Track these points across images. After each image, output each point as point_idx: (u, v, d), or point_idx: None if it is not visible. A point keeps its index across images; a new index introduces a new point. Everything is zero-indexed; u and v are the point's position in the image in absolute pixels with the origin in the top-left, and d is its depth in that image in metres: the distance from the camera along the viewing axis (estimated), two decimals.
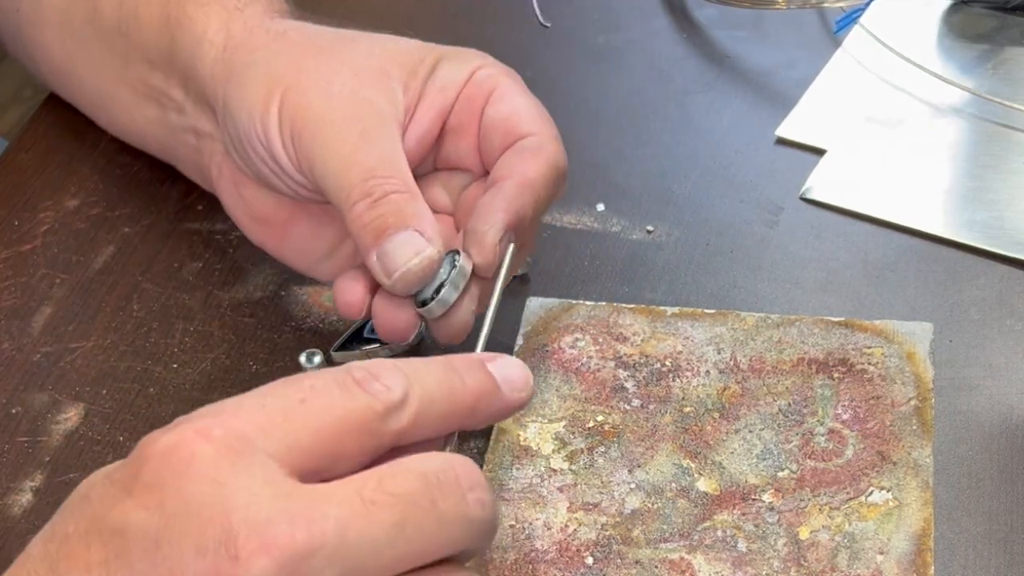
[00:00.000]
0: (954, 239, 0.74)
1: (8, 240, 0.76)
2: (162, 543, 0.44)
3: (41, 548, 0.47)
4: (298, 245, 0.68)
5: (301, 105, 0.62)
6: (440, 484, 0.46)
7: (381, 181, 0.60)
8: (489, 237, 0.61)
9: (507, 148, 0.64)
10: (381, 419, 0.47)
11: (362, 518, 0.44)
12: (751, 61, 0.85)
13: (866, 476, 0.64)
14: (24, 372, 0.70)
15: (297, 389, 0.47)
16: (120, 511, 0.45)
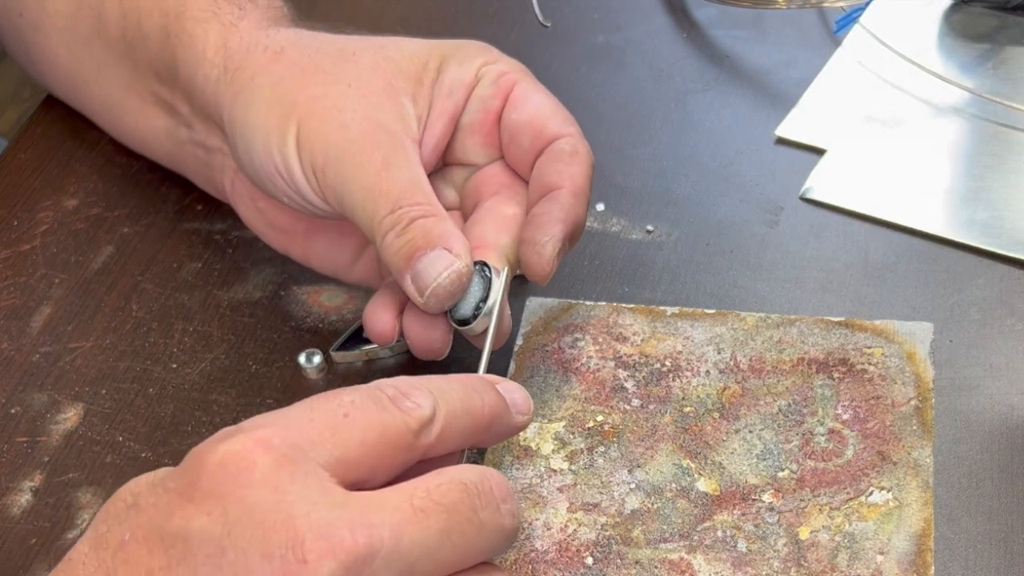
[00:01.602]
0: (954, 239, 0.74)
1: (7, 240, 0.76)
2: (227, 549, 0.46)
3: (92, 555, 0.48)
4: (323, 252, 0.69)
5: (319, 139, 0.62)
6: (479, 495, 0.49)
7: (407, 209, 0.61)
8: (548, 249, 0.62)
9: (538, 151, 0.64)
10: (415, 435, 0.50)
11: (414, 524, 0.47)
12: (751, 61, 0.85)
13: (866, 476, 0.64)
14: (23, 372, 0.70)
15: (339, 404, 0.49)
16: (181, 518, 0.47)
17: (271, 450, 0.47)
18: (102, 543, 0.48)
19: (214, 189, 0.73)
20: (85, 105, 0.78)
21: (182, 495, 0.47)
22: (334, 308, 0.72)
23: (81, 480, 0.65)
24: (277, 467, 0.47)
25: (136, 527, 0.47)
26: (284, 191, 0.64)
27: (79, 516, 0.64)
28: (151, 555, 0.47)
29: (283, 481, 0.47)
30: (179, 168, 0.75)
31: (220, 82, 0.66)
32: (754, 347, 0.69)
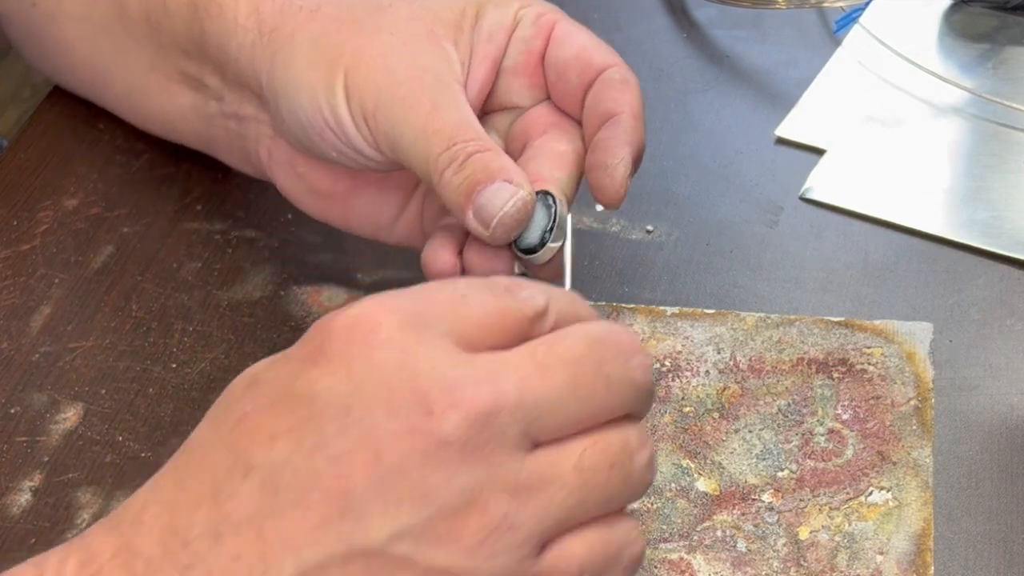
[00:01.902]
0: (954, 239, 0.74)
1: (7, 240, 0.76)
2: (353, 407, 0.46)
3: (210, 434, 0.48)
4: (364, 212, 0.68)
5: (367, 86, 0.62)
6: (605, 348, 0.48)
7: (462, 145, 0.61)
8: (620, 170, 0.62)
9: (588, 84, 0.64)
10: (530, 323, 0.49)
11: (537, 379, 0.47)
12: (751, 61, 0.85)
13: (866, 476, 0.64)
14: (23, 372, 0.70)
15: (456, 288, 0.49)
16: (306, 380, 0.46)
17: (397, 312, 0.47)
18: (220, 422, 0.48)
19: (247, 163, 0.72)
20: (104, 92, 0.78)
21: (306, 360, 0.47)
22: (334, 308, 0.72)
23: (81, 480, 0.65)
24: (403, 329, 0.47)
25: (257, 398, 0.47)
26: (333, 144, 0.64)
27: (79, 516, 0.64)
28: (274, 420, 0.46)
29: (409, 342, 0.47)
30: (207, 146, 0.74)
31: (256, 47, 0.67)
32: (754, 347, 0.69)
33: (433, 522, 0.45)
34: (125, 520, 0.48)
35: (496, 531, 0.46)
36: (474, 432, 0.46)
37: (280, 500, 0.45)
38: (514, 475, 0.46)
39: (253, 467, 0.46)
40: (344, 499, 0.45)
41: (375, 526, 0.45)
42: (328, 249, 0.75)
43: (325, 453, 0.45)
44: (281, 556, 0.45)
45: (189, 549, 0.46)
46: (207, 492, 0.46)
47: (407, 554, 0.45)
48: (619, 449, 0.48)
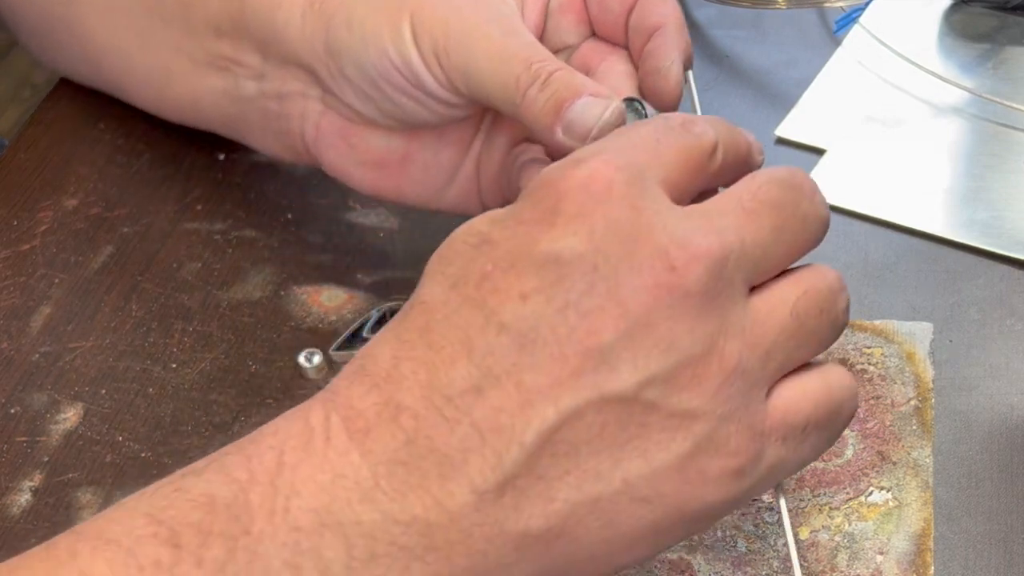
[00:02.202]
0: (954, 239, 0.74)
1: (7, 240, 0.76)
2: (598, 265, 0.48)
3: (451, 293, 0.50)
4: (418, 178, 0.69)
5: (435, 23, 0.63)
6: (795, 189, 0.52)
7: (541, 64, 0.61)
8: (674, 72, 0.63)
9: (629, 8, 0.66)
10: (709, 158, 0.53)
11: (751, 224, 0.50)
12: (750, 61, 0.85)
13: (866, 476, 0.64)
14: (23, 372, 0.70)
15: (648, 131, 0.52)
16: (548, 240, 0.49)
17: (621, 169, 0.50)
18: (460, 280, 0.50)
19: (284, 144, 0.72)
20: (124, 77, 0.77)
21: (542, 221, 0.49)
22: (334, 308, 0.72)
23: (81, 480, 0.65)
24: (630, 184, 0.49)
25: (497, 258, 0.49)
26: (404, 90, 0.65)
27: (79, 516, 0.64)
28: (521, 279, 0.49)
29: (636, 197, 0.49)
30: (236, 130, 0.74)
31: (306, 17, 0.67)
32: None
33: (677, 369, 0.49)
34: (377, 375, 0.49)
35: (732, 375, 0.49)
36: (711, 282, 0.49)
37: (536, 354, 0.48)
38: (741, 322, 0.50)
39: (505, 324, 0.49)
40: (597, 351, 0.48)
41: (625, 375, 0.48)
42: (328, 249, 0.75)
43: (576, 309, 0.48)
44: (541, 405, 0.48)
45: (452, 404, 0.48)
46: (461, 349, 0.49)
47: (654, 399, 0.49)
48: (826, 295, 0.52)
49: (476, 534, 0.48)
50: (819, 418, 0.52)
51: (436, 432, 0.48)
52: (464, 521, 0.48)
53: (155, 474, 0.65)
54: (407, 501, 0.48)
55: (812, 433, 0.52)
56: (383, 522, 0.48)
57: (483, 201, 0.69)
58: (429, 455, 0.48)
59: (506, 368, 0.48)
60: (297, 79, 0.69)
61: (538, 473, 0.48)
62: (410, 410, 0.48)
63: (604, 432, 0.49)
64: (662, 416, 0.49)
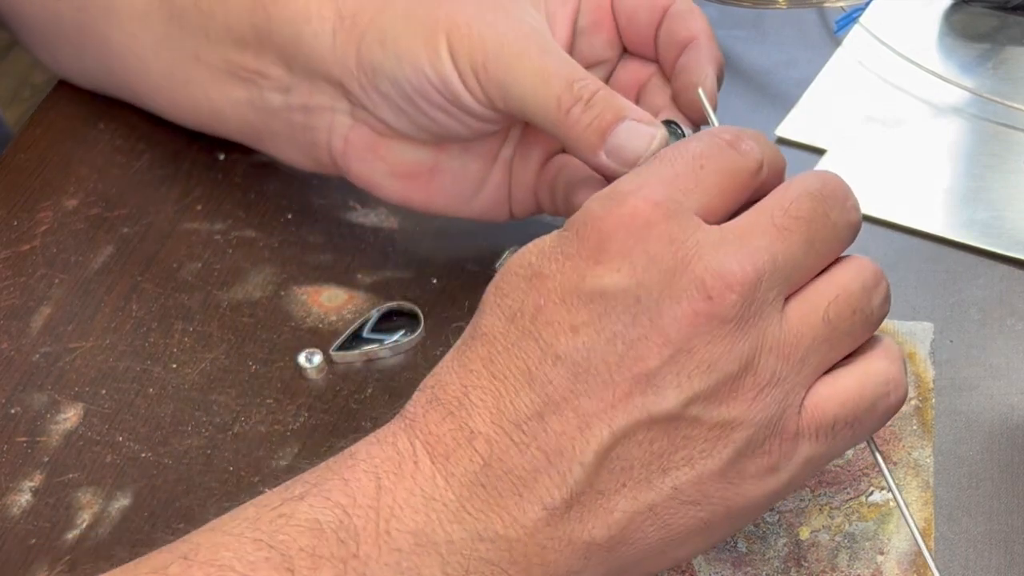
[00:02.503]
0: (954, 239, 0.74)
1: (7, 240, 0.76)
2: (641, 297, 0.52)
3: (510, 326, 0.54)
4: (446, 189, 0.70)
5: (472, 41, 0.64)
6: (825, 199, 0.55)
7: (583, 83, 0.63)
8: (708, 85, 0.65)
9: (657, 21, 0.67)
10: (753, 175, 0.56)
11: (783, 242, 0.54)
12: (751, 61, 0.85)
13: (866, 476, 0.64)
14: (23, 372, 0.70)
15: (692, 156, 0.55)
16: (593, 277, 0.53)
17: (659, 206, 0.53)
18: (517, 312, 0.54)
19: (308, 155, 0.72)
20: (137, 82, 0.77)
21: (589, 258, 0.53)
22: (334, 308, 0.72)
23: (81, 480, 0.65)
24: (667, 220, 0.53)
25: (549, 292, 0.53)
26: (440, 105, 0.66)
27: (79, 516, 0.64)
28: (571, 313, 0.53)
29: (674, 232, 0.53)
30: (257, 139, 0.74)
31: (337, 33, 0.67)
32: None
33: (717, 386, 0.53)
34: (449, 403, 0.53)
35: (767, 387, 0.53)
36: (746, 306, 0.53)
37: (590, 382, 0.52)
38: (775, 336, 0.53)
39: (560, 355, 0.53)
40: (644, 376, 0.52)
41: (671, 396, 0.52)
42: (328, 249, 0.75)
43: (623, 340, 0.52)
44: (597, 427, 0.52)
45: (520, 429, 0.52)
46: (523, 379, 0.53)
47: (697, 414, 0.53)
48: (858, 296, 0.55)
49: (549, 546, 0.52)
50: (847, 416, 0.55)
51: (508, 455, 0.52)
52: (538, 535, 0.52)
53: (155, 474, 0.65)
54: (489, 520, 0.52)
55: (841, 430, 0.55)
56: (471, 540, 0.52)
57: (512, 209, 0.71)
58: (504, 477, 0.52)
59: (564, 395, 0.52)
60: (324, 93, 0.69)
61: (598, 488, 0.53)
62: (483, 435, 0.53)
63: (654, 447, 0.53)
64: (705, 428, 0.53)
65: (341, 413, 0.68)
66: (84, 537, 0.63)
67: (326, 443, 0.66)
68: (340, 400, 0.68)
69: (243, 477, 0.65)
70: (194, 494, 0.65)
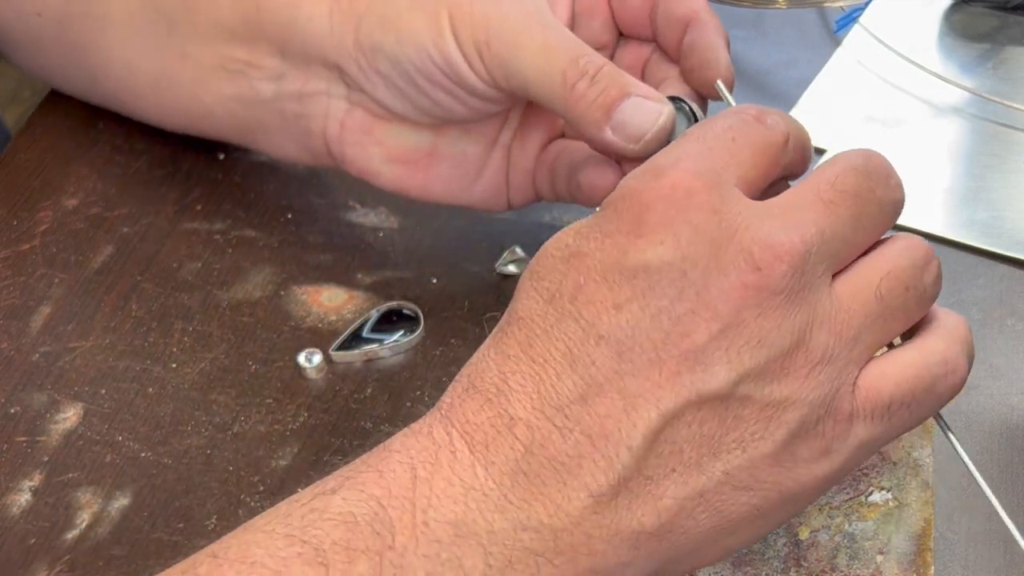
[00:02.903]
0: (954, 239, 0.74)
1: (7, 240, 0.76)
2: (687, 271, 0.50)
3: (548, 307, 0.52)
4: (444, 174, 0.69)
5: (476, 19, 0.64)
6: (870, 175, 0.54)
7: (588, 58, 0.62)
8: (723, 59, 0.64)
9: (651, 3, 0.66)
10: (782, 149, 0.55)
11: (830, 216, 0.52)
12: (751, 60, 0.85)
13: (866, 476, 0.64)
14: (23, 372, 0.70)
15: (724, 130, 0.54)
16: (636, 250, 0.51)
17: (700, 177, 0.52)
18: (555, 294, 0.52)
19: (303, 146, 0.71)
20: (123, 88, 0.77)
21: (629, 232, 0.51)
22: (334, 308, 0.72)
23: (81, 480, 0.65)
24: (709, 191, 0.51)
25: (588, 270, 0.51)
26: (443, 85, 0.65)
27: (79, 516, 0.64)
28: (613, 290, 0.51)
29: (716, 202, 0.51)
30: (249, 135, 0.73)
31: (332, 15, 0.67)
32: None
33: (768, 363, 0.51)
34: (486, 391, 0.52)
35: (819, 364, 0.51)
36: (796, 278, 0.51)
37: (635, 361, 0.50)
38: (827, 311, 0.52)
39: (603, 335, 0.51)
40: (692, 353, 0.50)
41: (721, 373, 0.50)
42: (328, 249, 0.75)
43: (669, 315, 0.50)
44: (644, 408, 0.50)
45: (562, 413, 0.50)
46: (564, 361, 0.51)
47: (748, 392, 0.51)
48: (910, 272, 0.54)
49: (596, 535, 0.51)
50: (903, 396, 0.53)
51: (550, 441, 0.50)
52: (585, 524, 0.50)
53: (155, 474, 0.65)
54: (533, 509, 0.50)
55: (897, 411, 0.53)
56: (514, 530, 0.50)
57: (510, 197, 0.70)
58: (547, 464, 0.50)
59: (608, 376, 0.50)
60: (320, 77, 0.69)
61: (647, 474, 0.51)
62: (523, 421, 0.51)
63: (704, 428, 0.51)
64: (756, 408, 0.51)
65: (341, 413, 0.68)
66: (84, 537, 0.63)
67: (326, 443, 0.66)
68: (340, 400, 0.68)
69: (243, 477, 0.65)
70: (194, 494, 0.65)
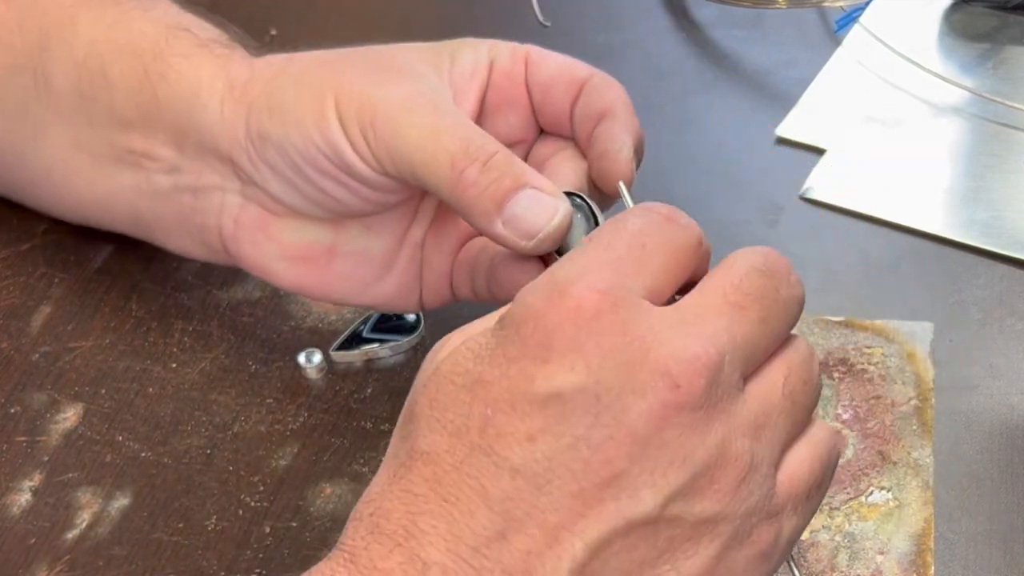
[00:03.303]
0: (954, 239, 0.74)
1: (7, 239, 0.75)
2: (600, 395, 0.48)
3: (454, 441, 0.49)
4: (346, 273, 0.66)
5: (361, 101, 0.61)
6: (773, 275, 0.52)
7: (480, 143, 0.59)
8: (624, 153, 0.62)
9: (575, 96, 0.64)
10: (695, 251, 0.52)
11: (739, 320, 0.50)
12: (751, 60, 0.85)
13: (866, 476, 0.64)
14: (23, 372, 0.70)
15: (633, 236, 0.51)
16: (544, 378, 0.48)
17: (606, 295, 0.49)
18: (461, 427, 0.49)
19: (199, 240, 0.68)
20: (15, 176, 0.73)
21: (535, 358, 0.48)
22: (334, 308, 0.72)
23: (81, 480, 0.65)
24: (617, 310, 0.49)
25: (495, 400, 0.48)
26: (330, 173, 0.62)
27: (79, 516, 0.64)
28: (525, 421, 0.48)
29: (627, 321, 0.49)
30: (146, 228, 0.70)
31: (225, 103, 0.64)
32: None
33: (695, 480, 0.49)
34: (394, 533, 0.48)
35: (747, 472, 0.49)
36: (714, 390, 0.49)
37: (555, 493, 0.48)
38: (744, 417, 0.50)
39: (518, 468, 0.48)
40: (615, 479, 0.48)
41: (647, 497, 0.48)
42: None
43: (587, 443, 0.48)
44: (568, 541, 0.48)
45: (479, 553, 0.48)
46: (477, 499, 0.48)
47: (678, 513, 0.49)
48: (806, 366, 0.52)
49: None
50: (817, 479, 0.52)
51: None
52: None
53: (154, 473, 0.65)
54: None
55: (815, 494, 0.52)
56: None
57: (423, 298, 0.66)
58: None
59: (527, 511, 0.48)
60: (214, 171, 0.66)
61: None
62: (438, 565, 0.48)
63: (634, 555, 0.49)
64: (687, 527, 0.49)
65: (341, 413, 0.68)
66: (84, 537, 0.63)
67: (326, 443, 0.66)
68: (340, 400, 0.68)
69: (243, 477, 0.65)
70: (194, 494, 0.65)
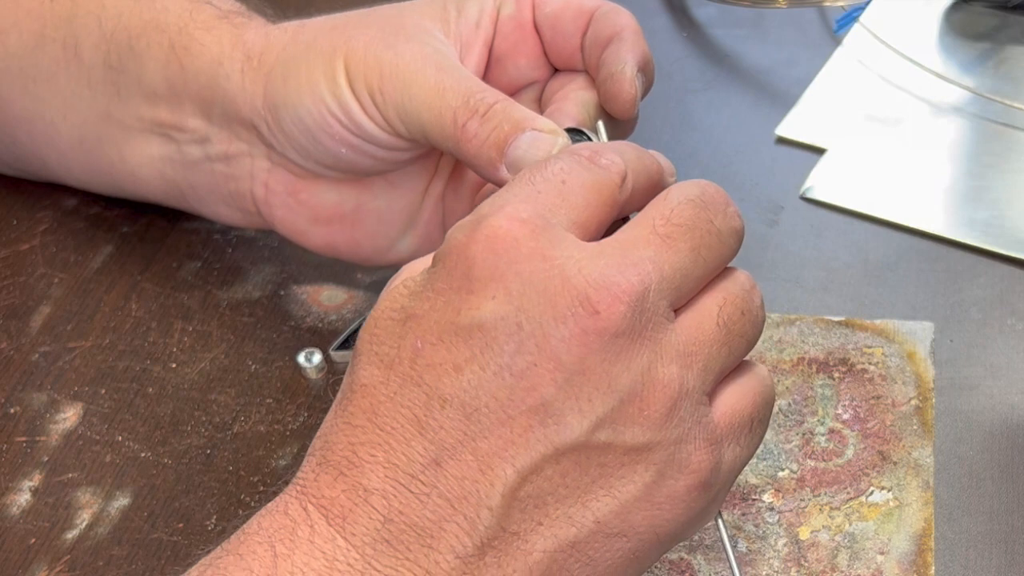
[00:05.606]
0: (955, 238, 0.74)
1: (7, 239, 0.76)
2: (522, 323, 0.49)
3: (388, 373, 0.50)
4: (372, 230, 0.68)
5: (369, 63, 0.62)
6: (707, 206, 0.52)
7: (480, 96, 0.60)
8: (627, 74, 0.62)
9: (584, 28, 0.65)
10: (618, 189, 0.53)
11: (667, 251, 0.51)
12: (751, 60, 0.85)
13: (866, 476, 0.64)
14: (22, 372, 0.70)
15: (554, 173, 0.52)
16: (468, 308, 0.50)
17: (525, 223, 0.50)
18: (394, 359, 0.50)
19: (234, 207, 0.70)
20: (48, 151, 0.74)
21: (460, 289, 0.50)
22: (334, 308, 0.72)
23: (80, 480, 0.65)
24: (535, 236, 0.50)
25: (424, 332, 0.50)
26: (343, 138, 0.64)
27: (78, 516, 0.64)
28: (452, 351, 0.49)
29: (545, 247, 0.50)
30: (181, 197, 0.71)
31: (245, 72, 0.66)
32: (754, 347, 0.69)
33: (623, 406, 0.50)
34: (338, 464, 0.50)
35: (677, 399, 0.50)
36: (637, 317, 0.50)
37: (483, 421, 0.49)
38: (673, 346, 0.50)
39: (447, 398, 0.49)
40: (540, 407, 0.49)
41: (573, 423, 0.49)
42: None
43: (511, 371, 0.49)
44: (499, 467, 0.49)
45: (416, 480, 0.49)
46: (412, 428, 0.50)
47: (607, 439, 0.50)
48: (744, 297, 0.53)
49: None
50: (759, 411, 0.53)
51: (409, 508, 0.49)
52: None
53: (154, 473, 0.65)
54: (400, 575, 0.49)
55: (757, 427, 0.53)
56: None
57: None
58: (409, 530, 0.49)
59: (459, 439, 0.49)
60: (241, 139, 0.67)
61: (512, 530, 0.50)
62: (378, 491, 0.49)
63: (566, 480, 0.50)
64: (618, 454, 0.50)
65: None
66: (84, 537, 0.63)
67: None
68: None
69: (243, 477, 0.65)
70: (194, 494, 0.65)
